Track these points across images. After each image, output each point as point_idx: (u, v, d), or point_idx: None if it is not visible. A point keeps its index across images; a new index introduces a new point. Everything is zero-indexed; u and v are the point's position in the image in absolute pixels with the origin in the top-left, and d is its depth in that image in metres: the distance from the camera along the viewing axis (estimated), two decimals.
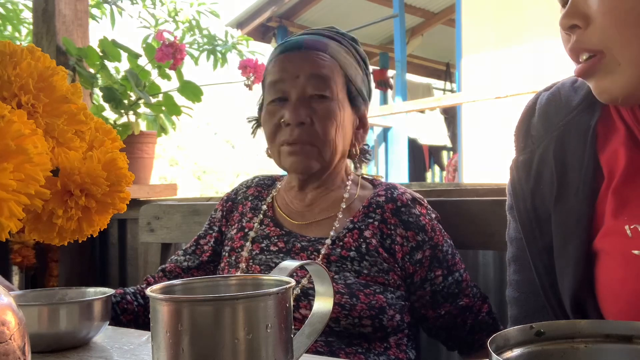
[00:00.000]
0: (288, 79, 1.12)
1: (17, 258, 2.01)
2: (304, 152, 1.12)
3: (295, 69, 1.12)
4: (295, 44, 1.16)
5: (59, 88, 0.53)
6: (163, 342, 0.56)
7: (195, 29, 3.59)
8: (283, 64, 1.14)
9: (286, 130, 1.12)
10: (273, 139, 1.15)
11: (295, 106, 1.11)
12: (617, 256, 0.73)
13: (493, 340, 0.49)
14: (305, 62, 1.12)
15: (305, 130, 1.11)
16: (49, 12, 2.20)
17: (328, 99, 1.12)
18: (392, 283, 1.07)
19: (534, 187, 0.83)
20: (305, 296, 1.04)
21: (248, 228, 1.20)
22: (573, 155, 0.80)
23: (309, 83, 1.12)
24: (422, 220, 1.12)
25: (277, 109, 1.14)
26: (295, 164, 1.12)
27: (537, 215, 0.82)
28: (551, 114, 0.84)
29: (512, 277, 0.90)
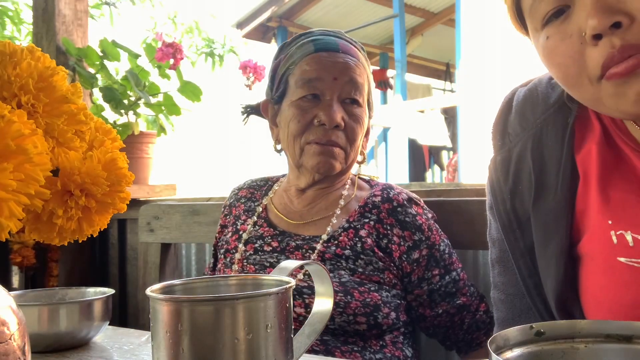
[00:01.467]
0: (326, 79, 1.12)
1: (17, 258, 2.01)
2: (332, 153, 1.12)
3: (333, 71, 1.12)
4: (332, 45, 1.15)
5: (59, 88, 0.53)
6: (163, 342, 0.56)
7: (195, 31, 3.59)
8: (321, 63, 1.13)
9: (318, 130, 1.12)
10: (299, 135, 1.13)
11: (332, 108, 1.11)
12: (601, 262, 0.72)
13: (493, 340, 0.49)
14: (343, 66, 1.13)
15: (337, 133, 1.12)
16: (49, 12, 2.20)
17: (359, 104, 1.14)
18: (388, 282, 1.07)
19: (513, 188, 0.82)
20: (300, 295, 1.04)
21: (242, 230, 1.20)
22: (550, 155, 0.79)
23: (345, 87, 1.12)
24: (419, 219, 1.12)
25: (309, 106, 1.12)
26: (320, 164, 1.12)
27: (517, 216, 0.81)
28: (528, 111, 0.82)
29: (497, 279, 0.89)
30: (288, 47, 1.20)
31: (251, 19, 7.65)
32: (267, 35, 7.90)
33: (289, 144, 1.16)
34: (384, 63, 8.65)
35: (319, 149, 1.12)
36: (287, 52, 1.18)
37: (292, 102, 1.14)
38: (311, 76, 1.12)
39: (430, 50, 8.84)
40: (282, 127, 1.18)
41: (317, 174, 1.15)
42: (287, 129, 1.15)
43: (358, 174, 1.25)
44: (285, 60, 1.17)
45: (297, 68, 1.15)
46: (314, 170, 1.14)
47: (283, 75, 1.17)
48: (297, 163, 1.16)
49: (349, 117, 1.13)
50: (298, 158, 1.15)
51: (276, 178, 1.31)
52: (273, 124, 1.23)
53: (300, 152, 1.14)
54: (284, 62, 1.18)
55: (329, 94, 1.12)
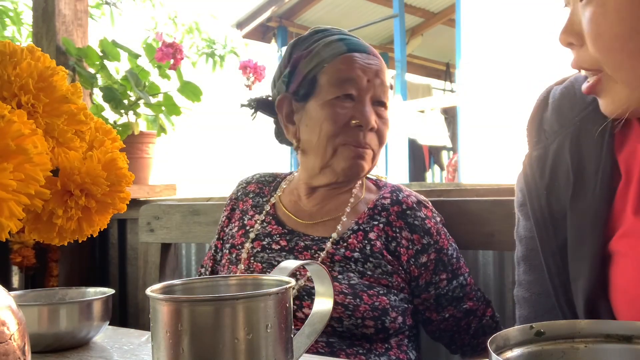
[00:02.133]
0: (361, 80, 1.11)
1: (17, 258, 2.01)
2: (365, 157, 1.12)
3: (367, 72, 1.12)
4: (362, 46, 1.15)
5: (59, 88, 0.53)
6: (163, 342, 0.56)
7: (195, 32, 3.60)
8: (356, 64, 1.12)
9: (354, 132, 1.11)
10: (335, 136, 1.11)
11: (368, 109, 1.11)
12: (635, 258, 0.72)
13: (493, 340, 0.49)
14: (375, 68, 1.13)
15: (371, 135, 1.12)
16: (49, 12, 2.20)
17: (386, 107, 1.16)
18: (396, 285, 1.07)
19: (549, 184, 0.81)
20: (309, 295, 1.04)
21: (249, 226, 1.19)
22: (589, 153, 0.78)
23: (377, 89, 1.13)
24: (428, 223, 1.12)
25: (345, 106, 1.11)
26: (354, 167, 1.12)
27: (551, 213, 0.81)
28: (565, 109, 0.82)
29: (522, 277, 0.88)
30: (305, 43, 1.17)
31: (251, 19, 7.65)
32: (267, 35, 7.90)
33: (319, 144, 1.12)
34: None
35: (354, 152, 1.11)
36: (308, 48, 1.15)
37: (325, 102, 1.11)
38: (347, 76, 1.11)
39: (430, 50, 8.83)
40: (309, 126, 1.14)
41: (343, 177, 1.14)
42: (320, 129, 1.11)
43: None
44: (310, 57, 1.14)
45: (329, 67, 1.12)
46: (343, 173, 1.12)
47: (309, 72, 1.14)
48: (324, 164, 1.13)
49: (379, 120, 1.14)
50: (328, 159, 1.12)
51: (284, 175, 1.29)
52: (289, 121, 1.19)
53: (332, 153, 1.12)
54: (307, 58, 1.14)
55: (363, 95, 1.12)
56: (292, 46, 1.20)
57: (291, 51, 1.19)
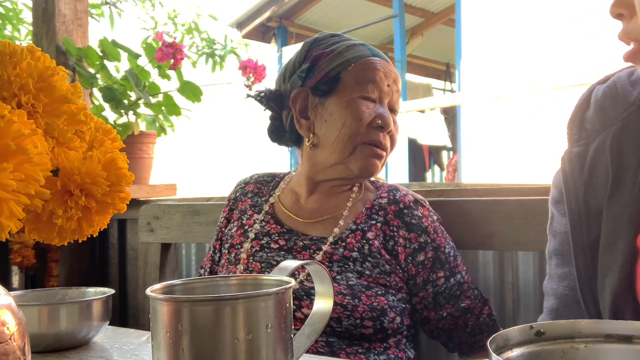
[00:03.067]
0: (382, 84, 1.15)
1: (17, 258, 2.01)
2: (381, 157, 1.15)
3: (388, 78, 1.17)
4: (382, 54, 1.20)
5: (59, 88, 0.53)
6: (163, 342, 0.56)
7: (195, 32, 3.60)
8: (380, 68, 1.16)
9: (375, 132, 1.13)
10: (357, 134, 1.12)
11: (388, 113, 1.16)
12: None
13: (493, 340, 0.49)
14: (394, 76, 1.19)
15: (388, 137, 1.16)
16: (49, 12, 2.20)
17: (397, 114, 1.20)
18: (394, 285, 1.07)
19: (587, 180, 0.82)
20: (308, 295, 1.04)
21: (248, 225, 1.19)
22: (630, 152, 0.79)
23: (394, 96, 1.18)
24: (425, 222, 1.12)
25: (369, 106, 1.13)
26: (370, 167, 1.14)
27: (588, 209, 0.81)
28: (608, 108, 0.83)
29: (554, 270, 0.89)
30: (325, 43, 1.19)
31: (251, 19, 7.65)
32: (267, 35, 7.91)
33: (339, 140, 1.13)
34: None
35: (373, 152, 1.13)
36: (330, 48, 1.17)
37: (351, 99, 1.12)
38: (372, 78, 1.14)
39: (430, 50, 8.84)
40: (328, 122, 1.14)
41: (358, 174, 1.15)
42: (342, 126, 1.12)
43: None
44: (333, 55, 1.15)
45: (355, 67, 1.14)
46: (359, 171, 1.13)
47: (332, 70, 1.15)
48: (340, 160, 1.14)
49: (394, 124, 1.18)
50: (346, 156, 1.13)
51: (283, 175, 1.30)
52: (302, 116, 1.18)
53: (351, 150, 1.13)
54: (330, 57, 1.15)
55: (384, 98, 1.16)
56: (309, 44, 1.21)
57: (309, 48, 1.20)
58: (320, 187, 1.19)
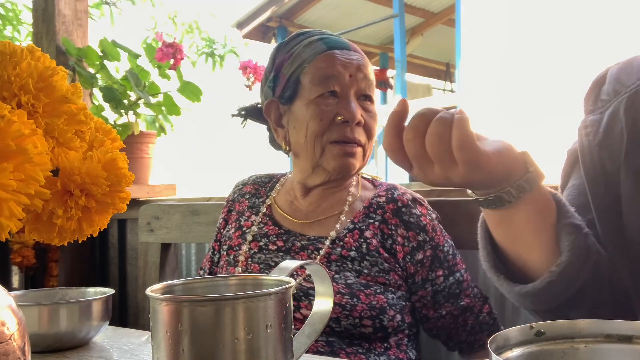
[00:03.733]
0: (343, 76, 1.11)
1: (17, 258, 2.01)
2: (355, 154, 1.12)
3: (349, 68, 1.12)
4: (342, 43, 1.16)
5: (59, 88, 0.53)
6: (163, 342, 0.56)
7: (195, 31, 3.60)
8: (336, 60, 1.12)
9: (341, 128, 1.10)
10: (321, 135, 1.11)
11: (353, 105, 1.11)
12: None
13: (493, 340, 0.49)
14: (357, 63, 1.13)
15: (359, 130, 1.12)
16: (49, 12, 2.20)
17: (372, 101, 1.15)
18: (393, 283, 1.07)
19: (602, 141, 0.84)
20: (306, 296, 1.04)
21: (246, 227, 1.20)
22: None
23: (361, 84, 1.13)
24: (423, 220, 1.12)
25: (329, 104, 1.11)
26: (345, 166, 1.12)
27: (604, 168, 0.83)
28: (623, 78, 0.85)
29: None
30: (287, 46, 1.18)
31: (251, 19, 7.65)
32: (267, 35, 7.90)
33: (307, 144, 1.13)
34: (384, 63, 8.65)
35: (341, 150, 1.11)
36: (290, 51, 1.16)
37: (310, 101, 1.12)
38: (328, 73, 1.11)
39: (430, 50, 8.83)
40: (296, 128, 1.14)
41: (335, 175, 1.14)
42: (306, 129, 1.12)
43: (361, 173, 1.25)
44: (292, 59, 1.15)
45: (310, 66, 1.13)
46: (334, 172, 1.13)
47: (292, 74, 1.15)
48: (314, 163, 1.14)
49: (366, 114, 1.14)
50: (317, 158, 1.13)
51: (280, 175, 1.30)
52: (278, 125, 1.20)
53: (320, 152, 1.12)
54: (289, 61, 1.15)
55: (347, 90, 1.12)
56: (275, 51, 1.21)
57: (274, 56, 1.20)
58: (314, 191, 1.19)
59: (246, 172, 1.38)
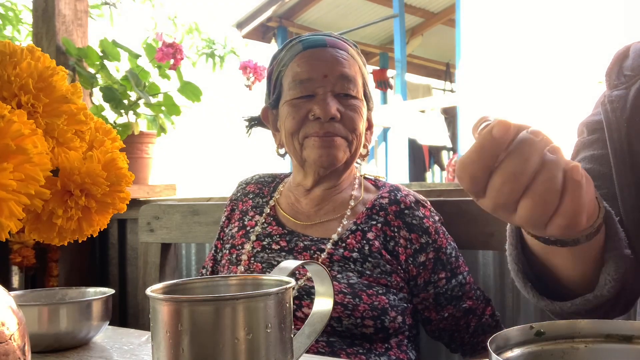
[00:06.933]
0: (317, 78, 1.12)
1: (17, 258, 2.01)
2: (334, 144, 1.11)
3: (323, 68, 1.12)
4: (319, 41, 1.16)
5: (59, 88, 0.53)
6: (163, 342, 0.56)
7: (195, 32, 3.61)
8: (310, 62, 1.13)
9: (314, 124, 1.11)
10: (296, 131, 1.13)
11: (327, 102, 1.11)
12: None
13: (493, 340, 0.49)
14: (332, 62, 1.13)
15: (335, 124, 1.11)
16: (49, 12, 2.20)
17: (354, 97, 1.14)
18: (395, 285, 1.07)
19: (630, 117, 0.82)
20: (308, 295, 1.04)
21: (250, 226, 1.20)
22: None
23: (337, 82, 1.12)
24: (426, 222, 1.11)
25: (303, 103, 1.12)
26: (323, 157, 1.11)
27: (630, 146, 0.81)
28: None
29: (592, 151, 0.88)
30: (279, 52, 1.22)
31: (251, 19, 7.65)
32: (267, 35, 7.90)
33: (288, 143, 1.15)
34: (384, 63, 8.65)
35: (319, 141, 1.11)
36: (278, 57, 1.20)
37: (287, 102, 1.15)
38: (302, 77, 1.12)
39: (430, 50, 8.84)
40: (281, 130, 1.18)
41: (322, 169, 1.14)
42: (284, 128, 1.15)
43: (363, 174, 1.25)
44: (276, 64, 1.19)
45: (288, 69, 1.15)
46: (317, 164, 1.13)
47: (277, 79, 1.18)
48: (300, 160, 1.16)
49: (345, 109, 1.12)
50: (300, 154, 1.14)
51: (284, 175, 1.30)
52: (275, 129, 1.23)
53: (300, 147, 1.13)
54: (276, 67, 1.19)
55: (322, 90, 1.12)
56: (271, 59, 1.24)
57: (269, 63, 1.24)
58: (315, 193, 1.19)
59: (246, 172, 1.38)
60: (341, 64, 1.13)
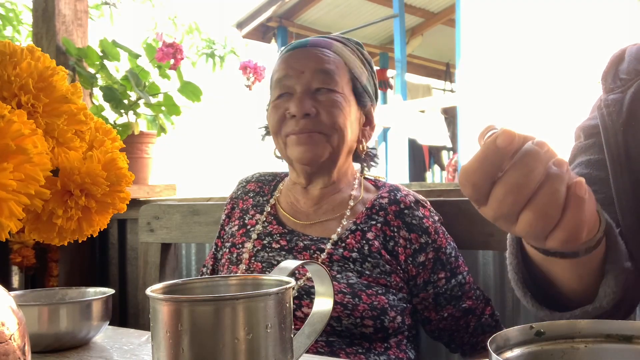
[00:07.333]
0: (293, 75, 1.13)
1: (17, 258, 2.01)
2: (312, 140, 1.11)
3: (300, 65, 1.13)
4: (301, 43, 1.19)
5: (59, 88, 0.53)
6: (163, 342, 0.56)
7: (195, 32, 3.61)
8: (288, 61, 1.15)
9: (292, 122, 1.12)
10: (278, 131, 1.14)
11: (301, 99, 1.11)
12: None
13: (493, 340, 0.49)
14: (310, 58, 1.14)
15: (311, 120, 1.11)
16: (49, 12, 2.20)
17: (333, 91, 1.13)
18: (394, 285, 1.07)
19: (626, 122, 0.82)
20: (308, 295, 1.04)
21: (250, 225, 1.20)
22: None
23: (314, 77, 1.12)
24: (426, 222, 1.11)
25: (282, 102, 1.14)
26: (302, 153, 1.11)
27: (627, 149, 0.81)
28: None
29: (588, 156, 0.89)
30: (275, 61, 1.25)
31: (251, 19, 7.65)
32: (267, 35, 7.90)
33: (275, 143, 1.19)
34: (384, 63, 8.65)
35: (295, 139, 1.12)
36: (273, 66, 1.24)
37: (269, 104, 1.18)
38: (280, 76, 1.15)
39: (430, 50, 8.84)
40: None
41: (306, 166, 1.14)
42: (270, 130, 1.18)
43: (363, 174, 1.24)
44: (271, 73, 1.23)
45: (272, 73, 1.20)
46: (300, 162, 1.13)
47: (270, 83, 1.23)
48: (288, 159, 1.18)
49: (323, 103, 1.12)
50: (285, 152, 1.16)
51: (284, 174, 1.30)
52: None
53: (284, 146, 1.15)
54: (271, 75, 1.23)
55: (299, 87, 1.13)
56: None
57: None
58: (312, 192, 1.19)
59: (246, 172, 1.38)
60: (319, 59, 1.14)
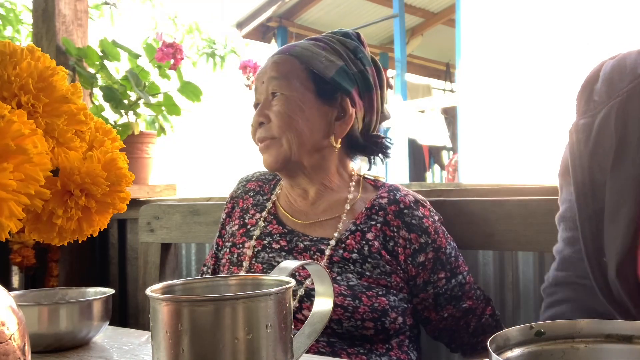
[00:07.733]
0: (258, 87, 1.19)
1: (17, 258, 2.01)
2: (268, 147, 1.15)
3: (261, 76, 1.19)
4: (277, 51, 1.22)
5: (59, 88, 0.53)
6: (163, 342, 0.56)
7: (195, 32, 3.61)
8: (258, 74, 1.21)
9: (255, 132, 1.18)
10: (254, 141, 1.20)
11: (259, 109, 1.17)
12: None
13: (493, 340, 0.49)
14: (267, 67, 1.18)
15: (264, 128, 1.15)
16: (49, 12, 2.20)
17: (284, 95, 1.14)
18: (395, 285, 1.07)
19: (593, 150, 0.83)
20: (309, 297, 1.04)
21: (250, 224, 1.20)
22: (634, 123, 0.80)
23: (269, 85, 1.16)
24: (425, 222, 1.11)
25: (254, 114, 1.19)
26: (264, 161, 1.17)
27: (592, 179, 0.82)
28: (615, 80, 0.84)
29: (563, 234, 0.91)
30: None
31: (251, 19, 7.65)
32: (267, 35, 7.90)
33: None
34: (384, 63, 8.65)
35: (259, 147, 1.18)
36: None
37: None
38: (255, 89, 1.21)
39: (430, 50, 8.83)
40: None
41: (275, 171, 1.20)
42: None
43: (363, 174, 1.24)
44: None
45: None
46: (265, 167, 1.18)
47: None
48: None
49: (273, 108, 1.14)
50: None
51: None
52: None
53: None
54: None
55: (261, 97, 1.18)
56: None
57: None
58: (308, 192, 1.19)
59: (246, 172, 1.37)
60: (273, 65, 1.17)
